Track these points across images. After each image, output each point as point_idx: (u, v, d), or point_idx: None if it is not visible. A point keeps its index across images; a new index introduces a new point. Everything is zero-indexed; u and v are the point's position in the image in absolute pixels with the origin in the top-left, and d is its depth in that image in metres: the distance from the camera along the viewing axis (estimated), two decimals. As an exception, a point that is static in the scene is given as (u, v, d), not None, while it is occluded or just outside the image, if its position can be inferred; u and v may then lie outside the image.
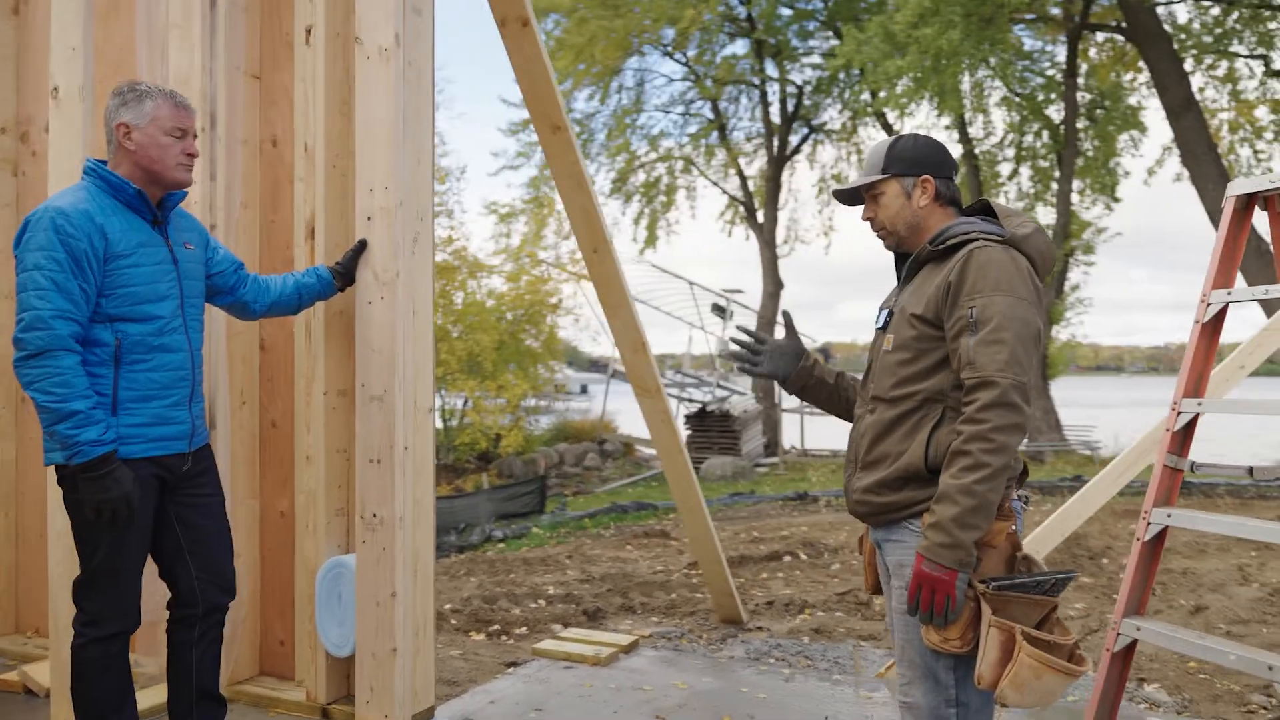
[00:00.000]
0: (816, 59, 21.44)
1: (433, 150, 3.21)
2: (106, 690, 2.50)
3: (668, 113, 23.28)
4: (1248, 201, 2.90)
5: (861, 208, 2.34)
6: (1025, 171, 19.94)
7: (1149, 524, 2.85)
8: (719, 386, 20.13)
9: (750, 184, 22.63)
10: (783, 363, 2.45)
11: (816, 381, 2.47)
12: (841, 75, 20.40)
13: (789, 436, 19.93)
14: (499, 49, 3.81)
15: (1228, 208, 2.90)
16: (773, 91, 22.09)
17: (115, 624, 2.48)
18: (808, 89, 21.89)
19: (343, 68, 3.25)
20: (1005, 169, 20.11)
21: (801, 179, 75.91)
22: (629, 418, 21.21)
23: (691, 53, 22.45)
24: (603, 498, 14.15)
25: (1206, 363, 2.90)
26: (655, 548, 8.85)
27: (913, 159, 2.22)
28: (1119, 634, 2.85)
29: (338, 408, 3.22)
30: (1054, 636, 1.95)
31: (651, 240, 22.35)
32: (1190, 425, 2.89)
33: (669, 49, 22.31)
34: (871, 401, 2.20)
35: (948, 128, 17.99)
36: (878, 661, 4.71)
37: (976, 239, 2.09)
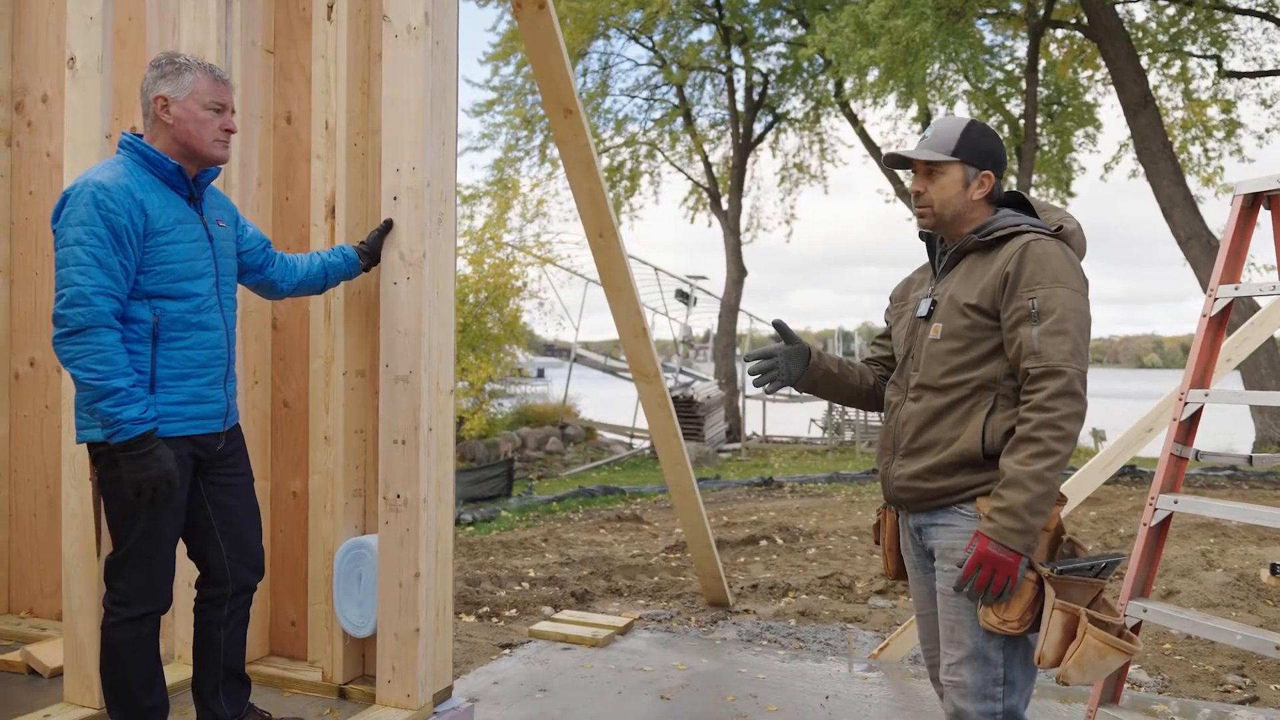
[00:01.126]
0: (782, 47, 21.55)
1: (456, 131, 3.19)
2: (137, 670, 2.47)
3: (633, 97, 23.23)
4: (1254, 200, 3.01)
5: (910, 175, 2.31)
6: (984, 164, 20.26)
7: (1155, 510, 2.97)
8: (682, 372, 20.23)
9: (714, 170, 22.69)
10: (796, 366, 2.46)
11: (823, 374, 2.48)
12: (806, 64, 20.53)
13: (751, 423, 20.10)
14: (462, 27, 3.75)
15: (1235, 206, 3.01)
16: (738, 79, 22.15)
17: (148, 604, 2.46)
18: (772, 77, 21.99)
19: (364, 45, 3.22)
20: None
21: (765, 167, 76.16)
22: (590, 402, 21.26)
23: (657, 37, 22.41)
24: (568, 482, 14.17)
25: (1212, 355, 3.02)
26: (629, 531, 8.91)
27: (984, 151, 2.23)
28: (1126, 615, 2.96)
29: (356, 388, 3.20)
30: (1107, 616, 2.03)
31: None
32: (1195, 416, 3.00)
33: (635, 33, 22.25)
34: (916, 390, 2.21)
35: (914, 119, 18.23)
36: (869, 643, 4.82)
37: (1027, 232, 2.13)
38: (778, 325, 2.49)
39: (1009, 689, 2.08)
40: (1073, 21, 17.36)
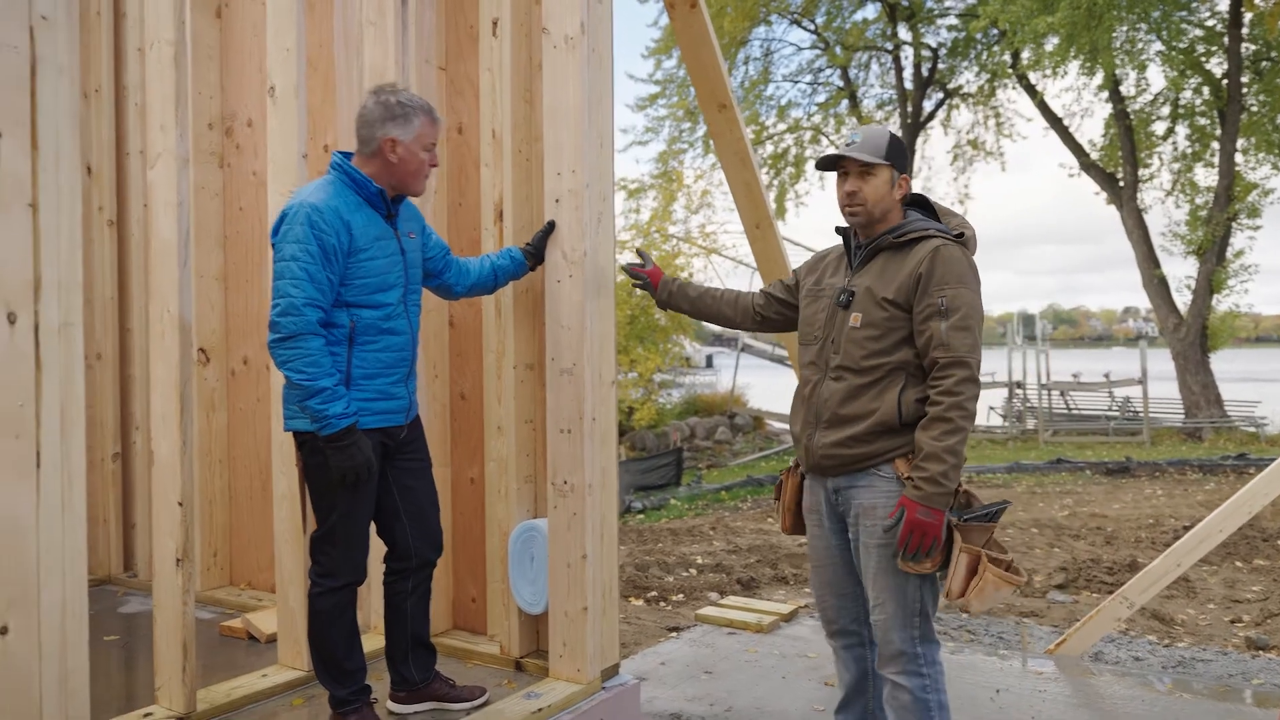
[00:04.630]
0: (953, 20, 20.72)
1: (612, 132, 3.33)
2: (338, 636, 2.75)
3: (796, 82, 22.99)
4: None
5: (835, 176, 2.66)
6: (1182, 130, 18.83)
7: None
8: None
9: (882, 152, 22.09)
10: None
11: (678, 296, 3.13)
12: (979, 36, 19.66)
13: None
14: (624, 24, 3.87)
15: None
16: (905, 56, 21.49)
17: (348, 576, 2.73)
18: (943, 52, 21.19)
19: (526, 57, 3.40)
20: (1159, 128, 19.04)
21: (936, 145, 73.80)
22: (759, 391, 21.21)
23: (820, 20, 22.04)
24: (737, 471, 14.25)
25: None
26: (797, 520, 8.89)
27: (902, 157, 2.63)
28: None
29: (525, 380, 3.40)
30: (999, 554, 2.47)
31: (780, 212, 22.15)
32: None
33: (796, 17, 21.97)
34: (837, 370, 2.57)
35: (1100, 86, 17.12)
36: (1044, 638, 4.66)
37: (935, 236, 2.52)
38: (639, 253, 3.23)
39: (923, 618, 2.52)
40: (1283, -32, 15.79)
